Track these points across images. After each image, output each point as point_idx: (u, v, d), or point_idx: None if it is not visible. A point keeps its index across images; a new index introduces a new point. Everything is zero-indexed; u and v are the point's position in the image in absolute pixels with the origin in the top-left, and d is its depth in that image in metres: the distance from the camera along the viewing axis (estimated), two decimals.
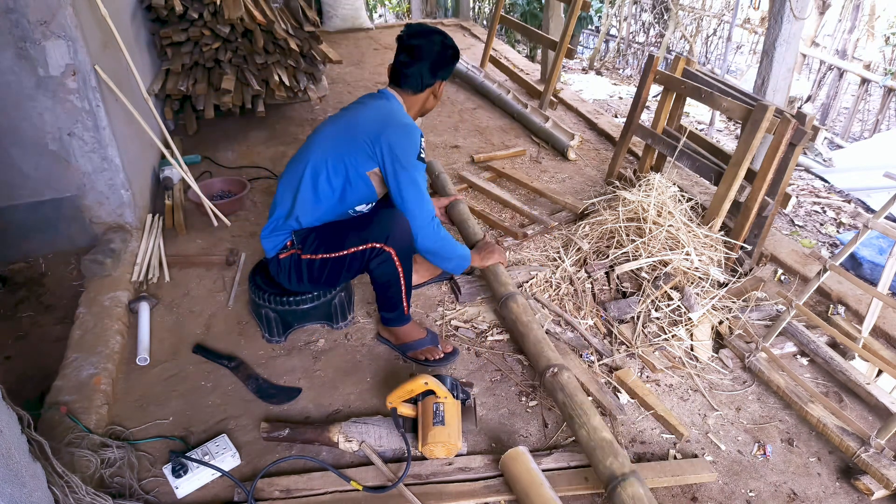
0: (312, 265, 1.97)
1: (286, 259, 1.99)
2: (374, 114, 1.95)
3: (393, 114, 1.95)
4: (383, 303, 2.07)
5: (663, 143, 2.86)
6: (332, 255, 1.94)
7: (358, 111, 1.99)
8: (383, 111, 1.96)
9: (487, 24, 7.62)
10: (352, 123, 1.95)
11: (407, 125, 1.93)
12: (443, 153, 3.70)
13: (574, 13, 4.00)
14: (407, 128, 1.92)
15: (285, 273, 2.02)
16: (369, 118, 1.94)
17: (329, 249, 1.94)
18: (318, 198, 1.95)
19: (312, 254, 1.95)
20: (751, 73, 6.80)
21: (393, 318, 2.09)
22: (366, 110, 1.97)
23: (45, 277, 2.56)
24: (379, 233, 1.90)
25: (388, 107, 1.97)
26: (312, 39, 3.84)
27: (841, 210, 3.86)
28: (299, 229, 1.98)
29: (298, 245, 1.97)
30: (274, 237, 2.00)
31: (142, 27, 3.37)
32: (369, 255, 1.91)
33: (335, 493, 1.66)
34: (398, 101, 2.01)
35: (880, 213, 1.90)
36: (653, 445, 1.85)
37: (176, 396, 1.98)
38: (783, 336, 2.19)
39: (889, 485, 1.66)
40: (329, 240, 1.94)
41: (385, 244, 1.90)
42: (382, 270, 1.95)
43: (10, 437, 1.25)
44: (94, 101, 2.41)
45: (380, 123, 1.91)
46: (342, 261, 1.94)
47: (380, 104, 1.99)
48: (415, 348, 2.12)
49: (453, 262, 2.14)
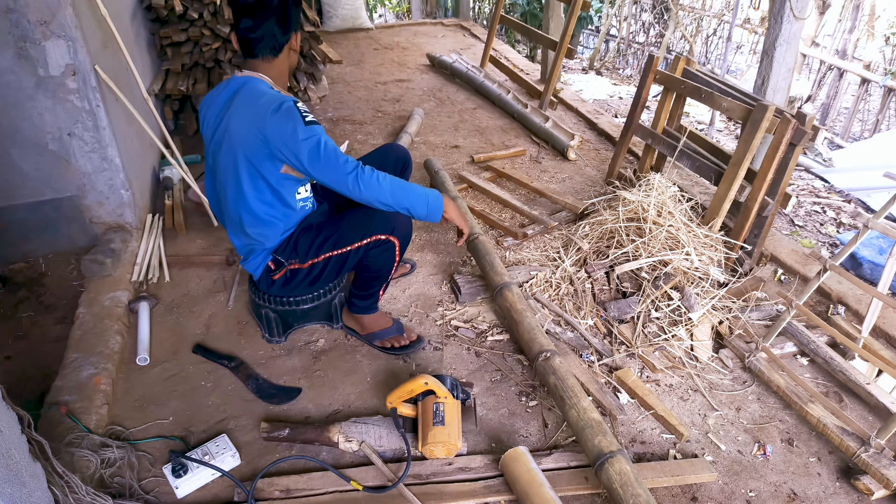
0: (313, 268, 1.96)
1: (280, 278, 1.99)
2: (244, 114, 1.74)
3: (258, 102, 1.73)
4: (362, 289, 2.08)
5: (663, 143, 2.86)
6: (335, 253, 1.92)
7: (229, 120, 1.77)
8: (249, 103, 1.74)
9: (487, 24, 7.62)
10: (231, 136, 1.76)
11: (278, 105, 1.70)
12: (443, 153, 3.70)
13: (574, 13, 4.00)
14: (280, 108, 1.70)
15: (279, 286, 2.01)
16: (244, 121, 1.73)
17: (332, 247, 1.92)
18: (263, 220, 1.87)
19: (314, 257, 1.94)
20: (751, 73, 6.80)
21: (364, 307, 2.12)
22: (233, 114, 1.76)
23: (45, 277, 2.56)
24: (384, 225, 1.90)
25: (250, 96, 1.75)
26: (312, 39, 3.84)
27: (841, 210, 3.86)
28: (278, 246, 1.94)
29: (292, 258, 1.94)
30: (252, 261, 1.99)
31: (142, 27, 3.37)
32: (372, 245, 1.91)
33: (335, 493, 1.66)
34: (256, 79, 1.79)
35: (880, 213, 1.90)
36: (653, 445, 1.85)
37: (176, 396, 1.98)
38: (783, 336, 2.19)
39: (889, 485, 1.66)
40: (328, 238, 1.92)
41: (391, 235, 1.91)
42: (382, 259, 1.96)
43: (10, 437, 1.25)
44: (94, 101, 2.41)
45: (257, 120, 1.71)
46: (345, 257, 1.93)
47: (241, 97, 1.76)
48: (381, 337, 2.15)
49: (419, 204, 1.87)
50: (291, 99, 1.74)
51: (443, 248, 2.76)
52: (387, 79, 5.00)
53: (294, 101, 1.73)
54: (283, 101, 1.72)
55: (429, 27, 6.75)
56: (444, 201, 1.93)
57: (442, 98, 4.60)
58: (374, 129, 4.02)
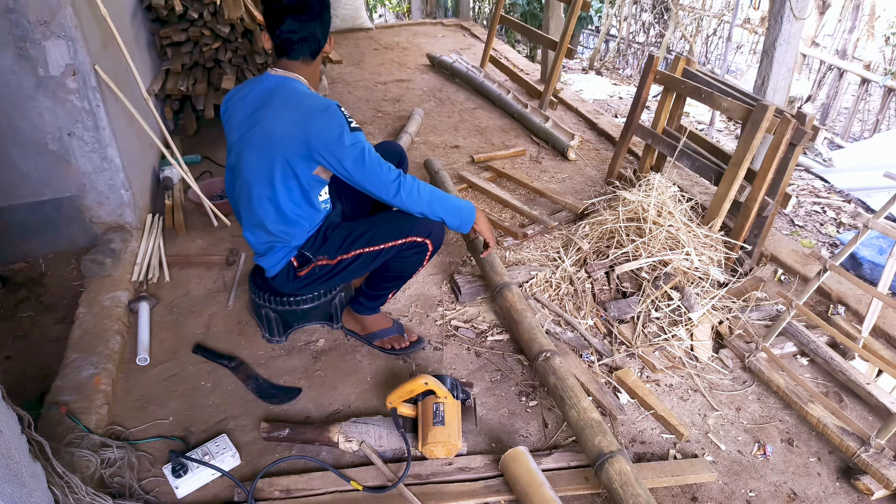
0: (341, 263, 1.94)
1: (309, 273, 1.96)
2: (287, 115, 1.74)
3: (303, 104, 1.75)
4: (375, 289, 2.07)
5: (663, 143, 2.86)
6: (368, 250, 1.91)
7: (265, 119, 1.77)
8: (294, 104, 1.75)
9: (487, 24, 7.62)
10: (270, 135, 1.76)
11: (324, 109, 1.73)
12: (443, 153, 3.70)
13: (574, 13, 4.00)
14: (326, 112, 1.72)
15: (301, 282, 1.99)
16: (286, 122, 1.74)
17: (367, 244, 1.91)
18: (290, 219, 1.87)
19: (345, 253, 1.92)
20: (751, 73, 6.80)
21: (369, 307, 2.12)
22: (273, 114, 1.76)
23: (45, 277, 2.56)
24: (423, 229, 1.90)
25: (294, 97, 1.76)
26: None
27: (841, 210, 3.86)
28: (306, 243, 1.94)
29: (321, 255, 1.94)
30: (271, 256, 1.96)
31: (142, 27, 3.37)
32: (407, 247, 1.91)
33: (335, 493, 1.66)
34: (295, 80, 1.80)
35: (880, 213, 1.90)
36: (653, 445, 1.85)
37: (176, 396, 1.98)
38: (783, 336, 2.19)
39: (889, 485, 1.66)
40: (362, 235, 1.91)
41: (427, 238, 1.91)
42: (411, 261, 1.96)
43: (10, 437, 1.25)
44: (94, 101, 2.41)
45: (302, 122, 1.72)
46: (376, 254, 1.92)
47: (283, 97, 1.77)
48: (381, 337, 2.16)
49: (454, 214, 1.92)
50: (335, 103, 1.76)
51: (443, 248, 2.76)
52: (387, 79, 5.00)
53: (338, 105, 1.76)
54: (329, 104, 1.75)
55: (429, 27, 6.75)
56: (476, 214, 1.97)
57: (442, 98, 4.60)
58: (375, 129, 4.02)
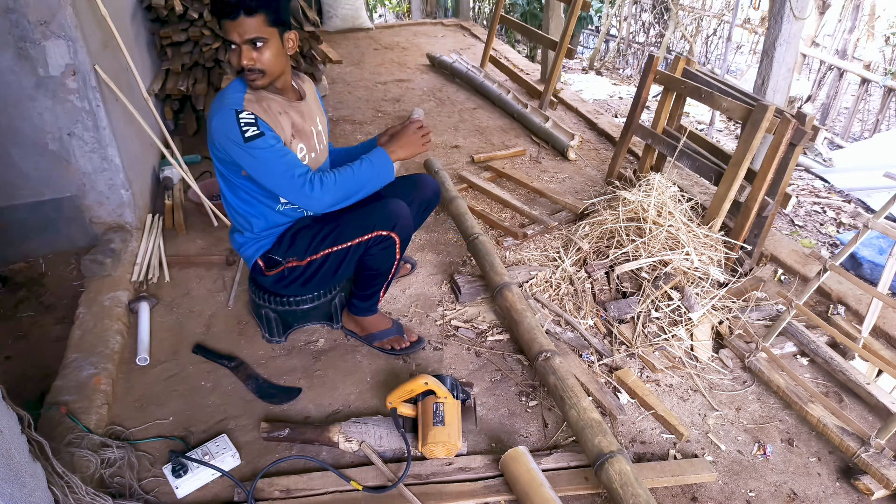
0: (310, 265, 1.93)
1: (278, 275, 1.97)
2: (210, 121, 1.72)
3: (212, 108, 1.71)
4: (363, 289, 2.06)
5: (663, 143, 2.86)
6: (334, 249, 1.89)
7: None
8: (213, 104, 1.72)
9: (487, 24, 7.62)
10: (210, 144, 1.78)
11: (220, 108, 1.67)
12: (443, 153, 3.70)
13: (574, 13, 4.00)
14: (221, 112, 1.67)
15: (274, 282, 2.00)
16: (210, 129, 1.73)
17: (332, 244, 1.88)
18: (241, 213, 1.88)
19: (313, 254, 1.91)
20: (751, 73, 6.79)
21: (365, 308, 2.11)
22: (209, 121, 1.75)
23: (45, 277, 2.56)
24: (385, 221, 1.86)
25: (217, 102, 1.72)
26: (312, 39, 3.84)
27: (841, 210, 3.86)
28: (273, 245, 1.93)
29: (290, 257, 1.93)
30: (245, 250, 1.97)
31: (142, 27, 3.37)
32: (373, 242, 1.88)
33: (335, 493, 1.66)
34: (237, 80, 1.75)
35: (880, 213, 1.90)
36: (653, 445, 1.85)
37: (176, 396, 1.98)
38: (783, 336, 2.19)
39: (889, 485, 1.66)
40: (328, 235, 1.89)
41: (392, 231, 1.87)
42: (382, 257, 1.92)
43: (10, 437, 1.25)
44: (94, 101, 2.41)
45: (210, 124, 1.71)
46: (343, 253, 1.89)
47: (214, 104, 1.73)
48: (381, 338, 2.15)
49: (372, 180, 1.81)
50: (234, 107, 1.66)
51: (443, 248, 2.76)
52: (387, 79, 5.00)
53: (237, 108, 1.66)
54: (228, 105, 1.67)
55: (429, 27, 6.76)
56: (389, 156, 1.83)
57: (442, 98, 4.60)
58: (375, 130, 4.02)
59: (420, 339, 2.18)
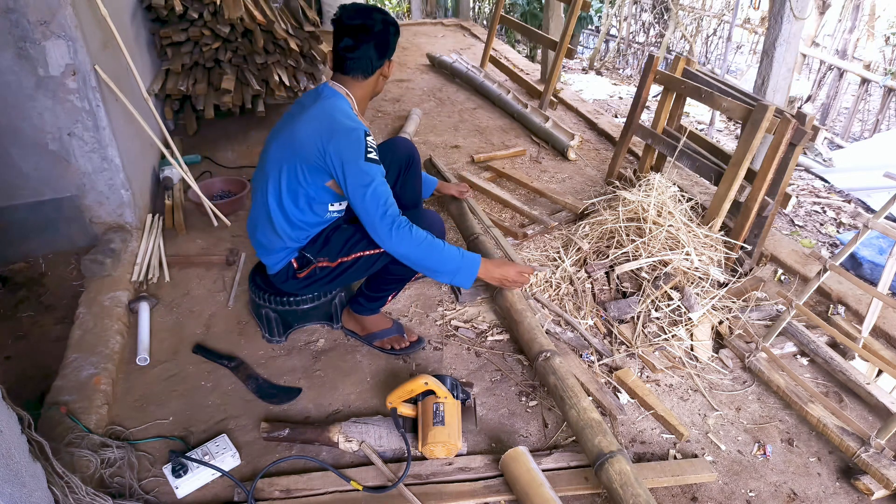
0: (341, 266, 1.96)
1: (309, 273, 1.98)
2: (314, 124, 1.80)
3: (334, 118, 1.80)
4: (374, 291, 2.07)
5: (663, 143, 2.86)
6: (367, 253, 1.93)
7: (297, 122, 1.84)
8: (324, 116, 1.81)
9: (487, 24, 7.62)
10: (294, 138, 1.83)
11: (350, 130, 1.78)
12: (443, 153, 3.70)
13: (574, 13, 4.00)
14: (350, 133, 1.77)
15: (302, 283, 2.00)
16: (311, 130, 1.80)
17: (367, 247, 1.92)
18: (291, 220, 1.91)
19: (345, 256, 1.94)
20: (751, 73, 6.80)
21: (368, 308, 2.12)
22: (305, 119, 1.83)
23: (45, 277, 2.56)
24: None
25: (329, 110, 1.82)
26: (312, 39, 3.84)
27: (841, 210, 3.86)
28: (307, 244, 1.96)
29: (321, 257, 1.95)
30: (274, 255, 1.98)
31: (142, 27, 3.37)
32: None
33: (335, 493, 1.66)
34: (342, 96, 1.87)
35: (880, 213, 1.90)
36: (653, 445, 1.85)
37: (176, 396, 1.98)
38: (783, 336, 2.19)
39: (889, 485, 1.66)
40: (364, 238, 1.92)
41: None
42: (403, 268, 1.95)
43: (10, 437, 1.25)
44: (94, 101, 2.41)
45: (323, 134, 1.78)
46: (376, 258, 1.94)
47: (320, 107, 1.83)
48: (381, 337, 2.16)
49: (449, 274, 1.86)
50: (364, 129, 1.80)
51: None
52: None
53: (366, 131, 1.80)
54: (357, 128, 1.79)
55: (429, 27, 6.75)
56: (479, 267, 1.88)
57: (442, 98, 4.59)
58: (374, 129, 4.02)
59: (420, 339, 2.19)
